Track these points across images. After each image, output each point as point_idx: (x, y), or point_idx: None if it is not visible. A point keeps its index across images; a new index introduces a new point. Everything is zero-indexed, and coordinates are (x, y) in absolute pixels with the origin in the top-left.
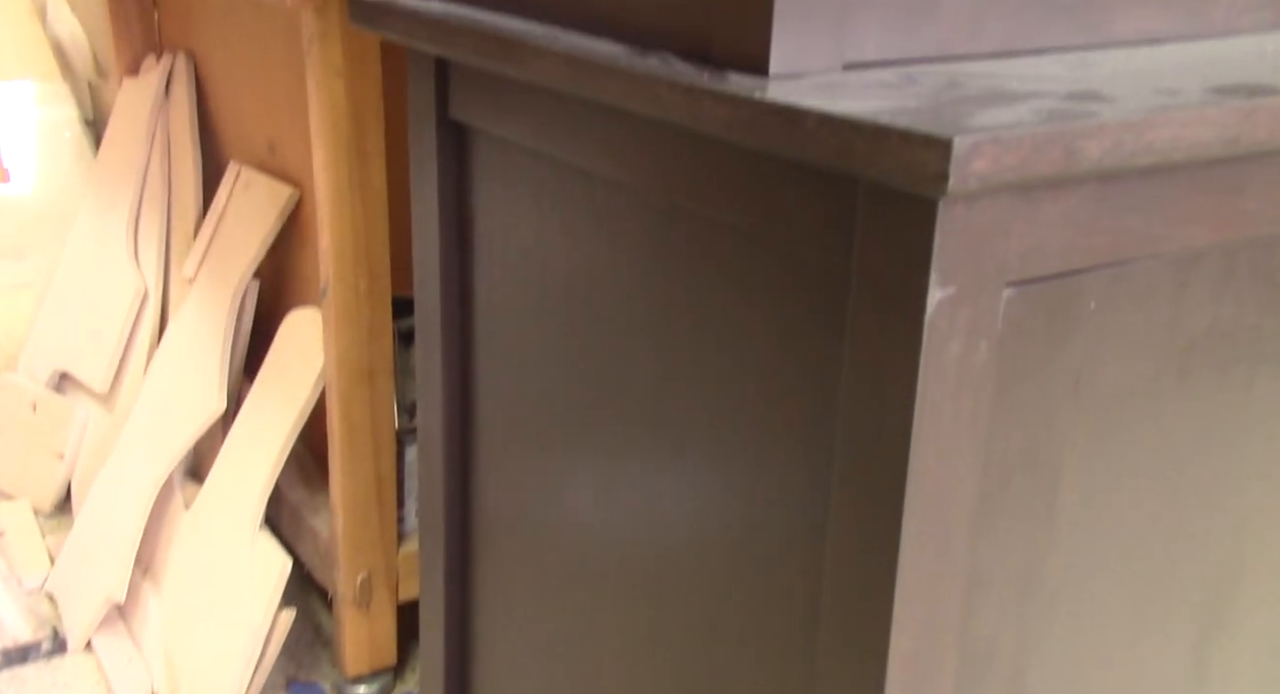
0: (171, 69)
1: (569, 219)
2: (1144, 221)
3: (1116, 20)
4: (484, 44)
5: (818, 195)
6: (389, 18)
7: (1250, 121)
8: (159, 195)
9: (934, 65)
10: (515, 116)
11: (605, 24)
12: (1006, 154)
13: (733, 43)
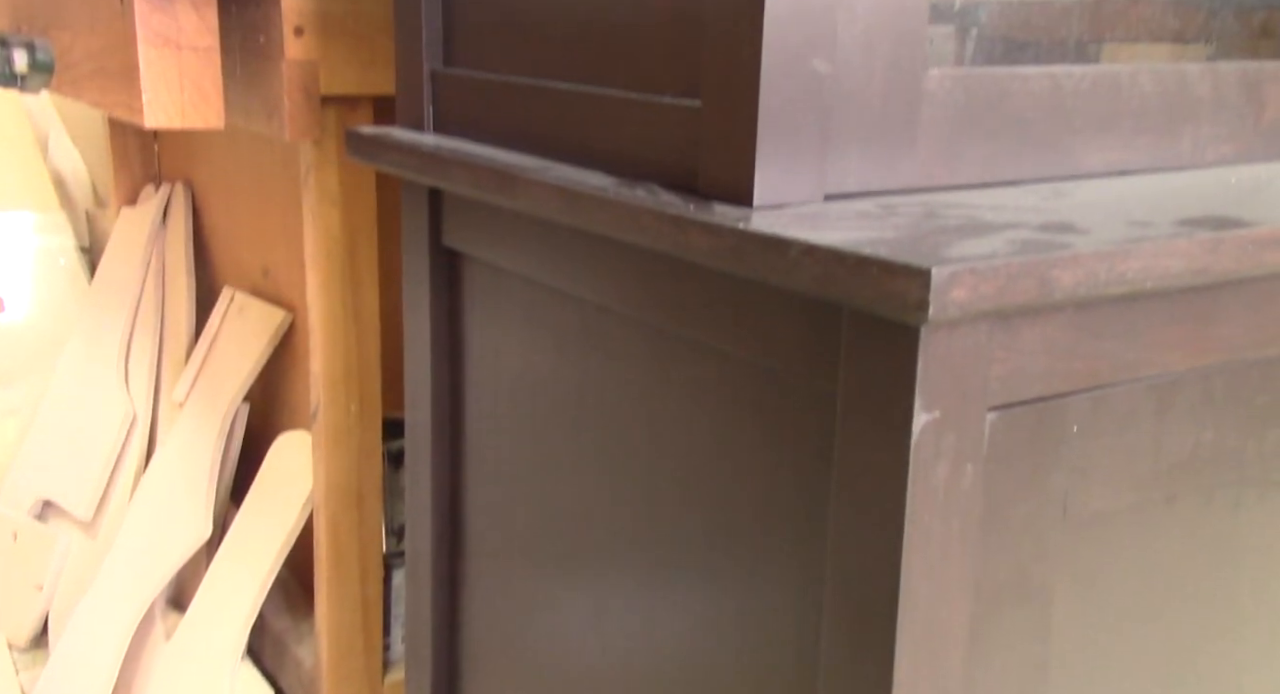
0: (169, 198)
1: (560, 343)
2: (1122, 347)
3: (1087, 153)
4: (477, 176)
5: (803, 322)
6: (385, 151)
7: (1217, 253)
8: (152, 321)
9: (913, 196)
10: (507, 244)
11: (594, 156)
12: (983, 283)
13: (718, 174)
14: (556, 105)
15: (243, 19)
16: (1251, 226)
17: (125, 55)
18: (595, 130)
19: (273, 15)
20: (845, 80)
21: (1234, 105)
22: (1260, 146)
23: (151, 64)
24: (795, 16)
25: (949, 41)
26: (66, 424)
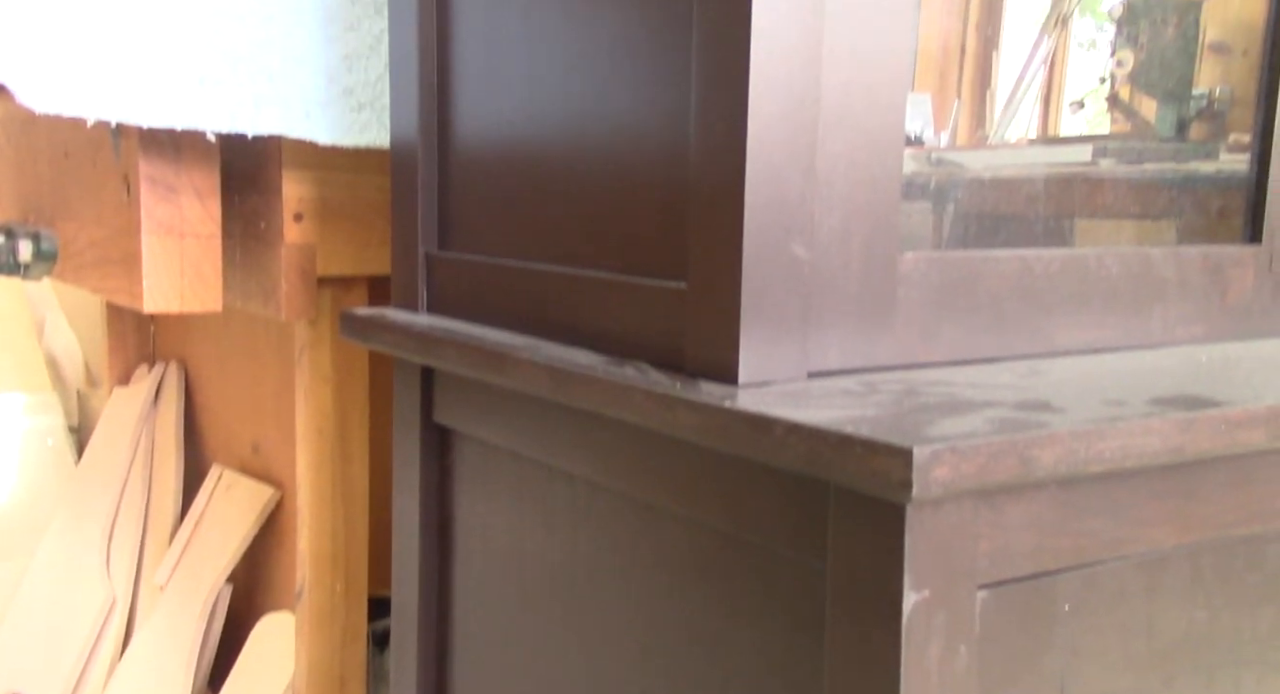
0: (163, 377)
1: (549, 518)
2: (1107, 524)
3: (1060, 331)
4: (469, 355)
5: (790, 498)
6: (378, 331)
7: (1192, 432)
8: (137, 503)
9: (893, 373)
10: (497, 420)
11: (584, 335)
12: (965, 462)
13: (704, 353)
14: (547, 287)
15: (244, 206)
16: (1224, 406)
17: (128, 243)
18: (584, 310)
19: (274, 202)
20: (824, 264)
21: (1199, 286)
22: (1228, 326)
23: (154, 252)
24: (774, 204)
25: (927, 216)
26: (43, 611)
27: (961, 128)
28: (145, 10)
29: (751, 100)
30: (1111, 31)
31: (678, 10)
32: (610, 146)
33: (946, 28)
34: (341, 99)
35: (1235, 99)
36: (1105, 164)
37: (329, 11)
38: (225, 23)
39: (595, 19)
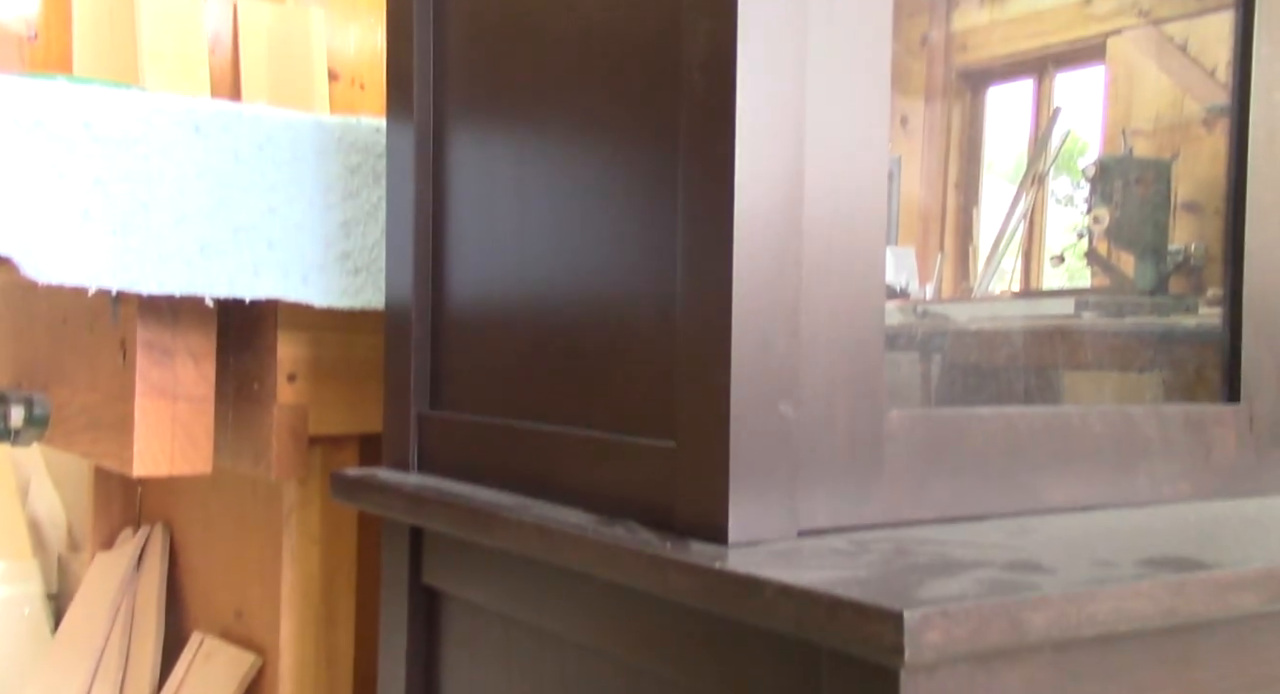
0: (146, 541)
1: (538, 683)
2: (1104, 689)
3: (1047, 489)
4: (458, 515)
5: (783, 660)
6: (368, 492)
7: (1183, 596)
8: (114, 674)
9: (882, 531)
10: (486, 581)
11: (574, 494)
12: (956, 626)
13: (694, 512)
14: (538, 445)
15: (239, 367)
16: (1214, 568)
17: (121, 407)
18: (575, 469)
19: (268, 363)
20: (811, 422)
21: (1183, 445)
22: (1214, 485)
23: (146, 415)
24: (760, 363)
25: (915, 367)
26: None
27: (946, 280)
28: (150, 184)
29: (735, 262)
30: (1087, 189)
31: (663, 177)
32: (599, 307)
33: (928, 185)
34: (338, 263)
35: (1210, 255)
36: (1088, 317)
37: (329, 181)
38: (229, 193)
39: (584, 187)
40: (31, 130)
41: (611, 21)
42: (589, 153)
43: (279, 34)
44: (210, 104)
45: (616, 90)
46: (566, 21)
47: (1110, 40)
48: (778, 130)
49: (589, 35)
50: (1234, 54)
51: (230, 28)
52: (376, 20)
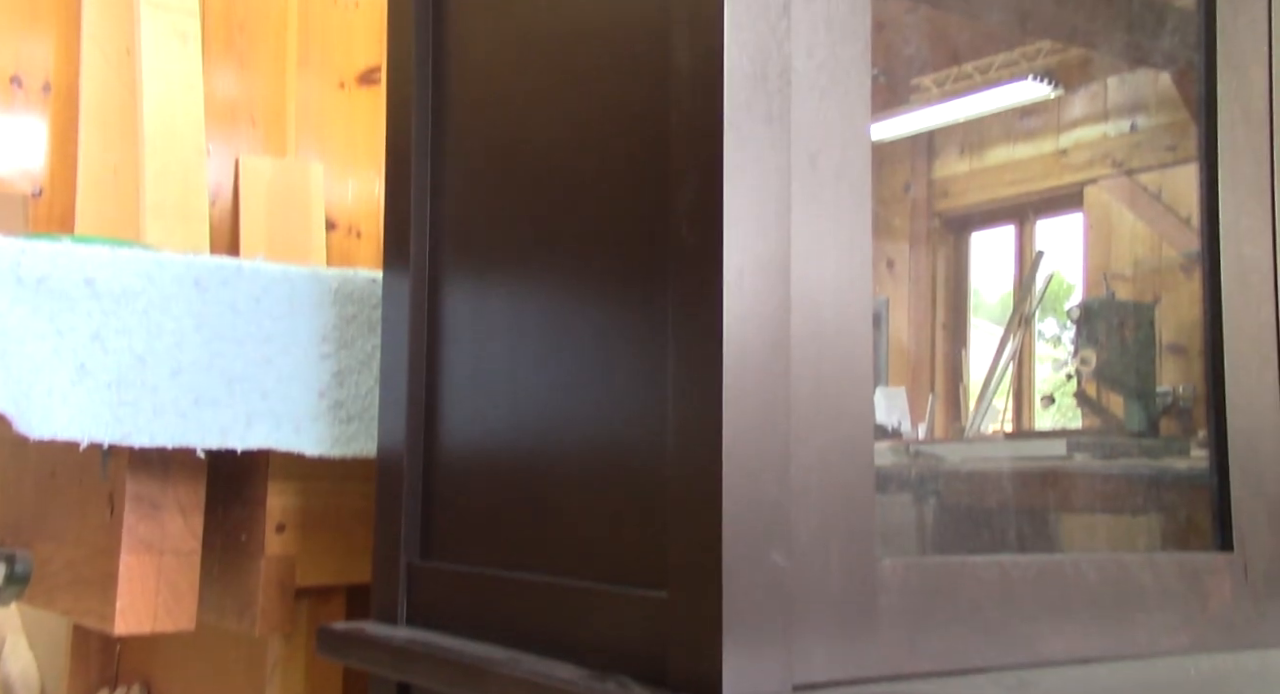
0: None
1: None
2: None
3: (1045, 640)
4: (445, 669)
5: None
6: (355, 648)
7: None
8: None
9: (878, 685)
10: None
11: (565, 646)
12: None
13: (687, 666)
14: (529, 596)
15: (227, 518)
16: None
17: (106, 563)
18: (567, 621)
19: (257, 514)
20: (803, 571)
21: (1179, 594)
22: (1213, 636)
23: (131, 570)
24: (751, 511)
25: (909, 509)
26: None
27: (938, 420)
28: (149, 338)
29: (725, 410)
30: (1073, 330)
31: (654, 324)
32: (591, 457)
33: (917, 326)
34: (331, 412)
35: (1198, 397)
36: (1080, 458)
37: (325, 331)
38: (226, 345)
39: (576, 336)
40: (35, 289)
41: (602, 173)
42: (581, 300)
43: (279, 186)
44: (211, 260)
45: (607, 239)
46: (559, 173)
47: (1087, 189)
48: (764, 278)
49: (581, 187)
50: (1201, 209)
51: (231, 180)
52: (375, 171)
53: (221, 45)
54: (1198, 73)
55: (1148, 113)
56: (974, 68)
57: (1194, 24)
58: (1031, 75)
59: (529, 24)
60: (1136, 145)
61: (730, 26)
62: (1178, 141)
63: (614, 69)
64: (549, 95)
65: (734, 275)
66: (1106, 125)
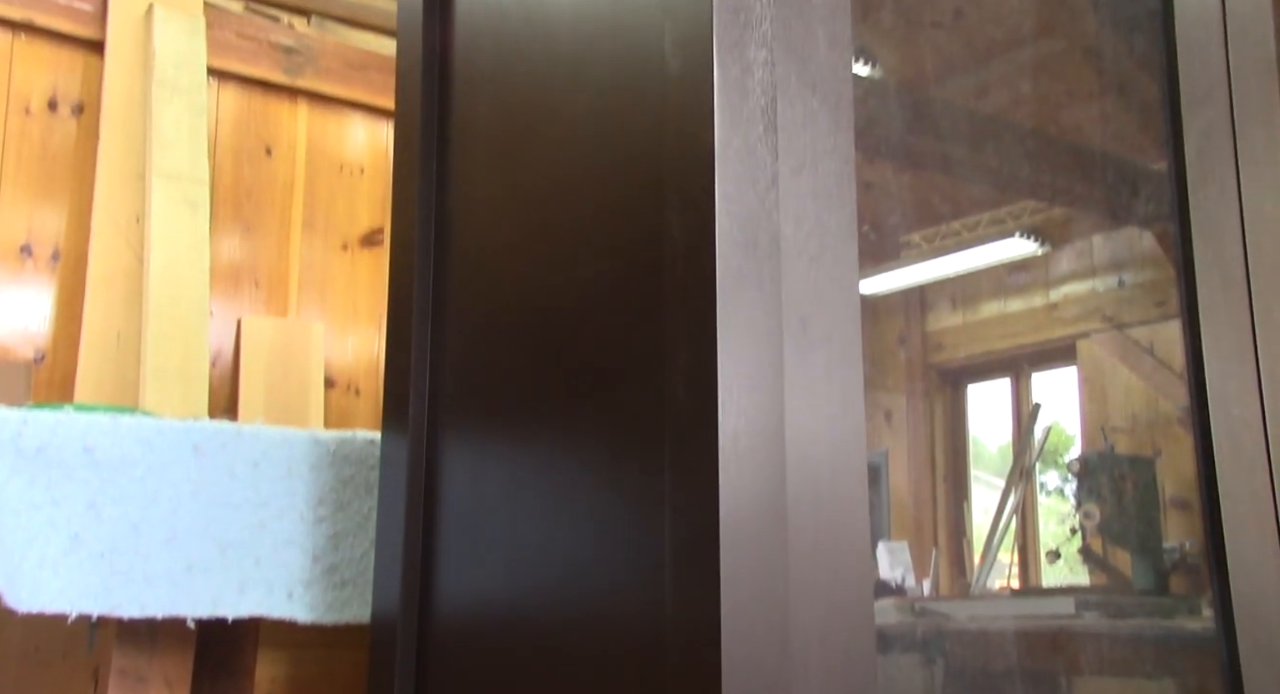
0: None
1: None
2: None
3: None
4: None
5: None
6: None
7: None
8: None
9: None
10: None
11: None
12: None
13: None
14: None
15: (214, 690)
16: None
17: None
18: None
19: (245, 685)
20: None
21: None
22: None
23: None
24: (751, 679)
25: (916, 670)
26: None
27: (942, 575)
28: (145, 505)
29: (723, 576)
30: (1075, 483)
31: (651, 487)
32: (588, 623)
33: (917, 479)
34: (325, 577)
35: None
36: (1089, 617)
37: (321, 494)
38: (222, 511)
39: (573, 499)
40: (34, 458)
41: (599, 336)
42: (578, 462)
43: (280, 346)
44: (210, 425)
45: (604, 399)
46: (557, 334)
47: (1079, 342)
48: (759, 441)
49: (578, 348)
50: (1187, 372)
51: (233, 341)
52: (375, 329)
53: (229, 212)
54: (1174, 240)
55: (1134, 269)
56: (961, 225)
57: (1169, 188)
58: (1018, 233)
59: (527, 188)
60: (1125, 301)
61: (721, 197)
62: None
63: (610, 234)
64: (546, 260)
65: (729, 439)
66: (1095, 281)
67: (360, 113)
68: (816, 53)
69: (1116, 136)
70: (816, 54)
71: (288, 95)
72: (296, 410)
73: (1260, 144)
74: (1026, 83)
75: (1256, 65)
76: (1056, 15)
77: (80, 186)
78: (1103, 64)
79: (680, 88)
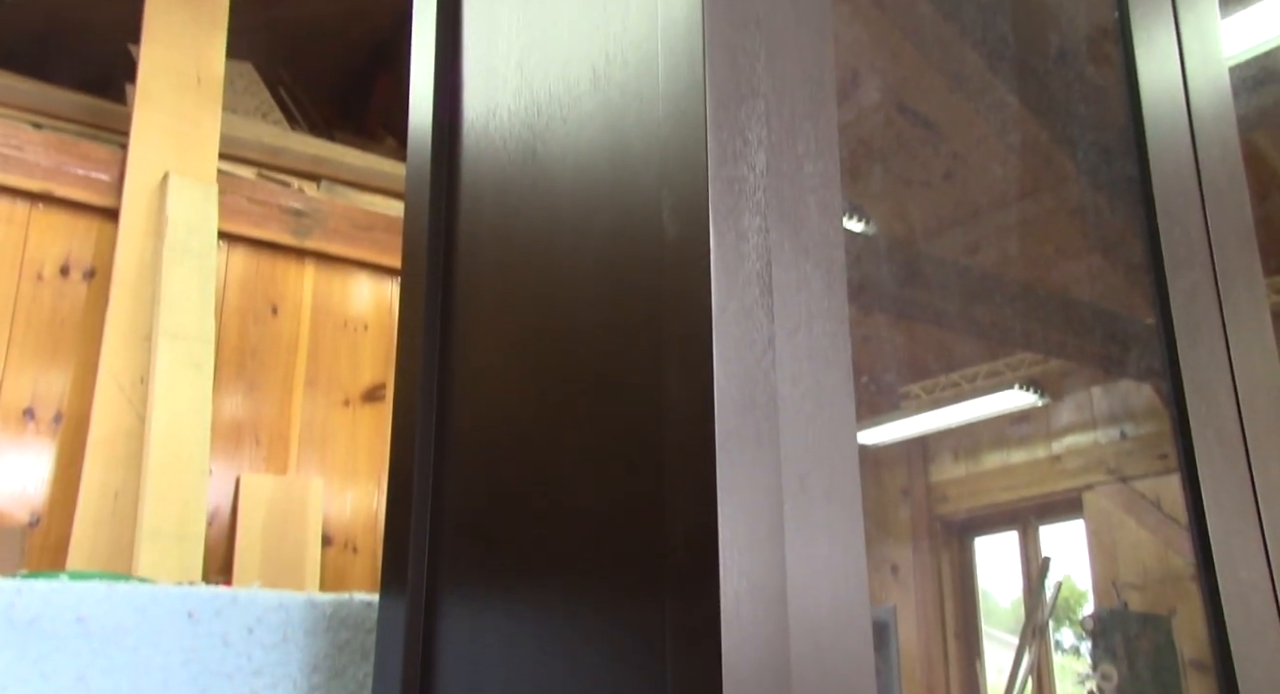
0: None
1: None
2: None
3: None
4: None
5: None
6: None
7: None
8: None
9: None
10: None
11: None
12: None
13: None
14: None
15: None
16: None
17: None
18: None
19: None
20: None
21: None
22: None
23: None
24: None
25: None
26: None
27: None
28: (135, 676)
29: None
30: (1090, 641)
31: (652, 650)
32: None
33: (927, 635)
34: None
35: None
36: None
37: (316, 661)
38: (213, 680)
39: (572, 663)
40: (25, 630)
41: (599, 495)
42: (578, 624)
43: (278, 503)
44: (205, 591)
45: (604, 560)
46: (557, 494)
47: (1085, 495)
48: (761, 603)
49: (577, 508)
50: (1191, 534)
51: (230, 499)
52: (374, 485)
53: (233, 370)
54: (1167, 398)
55: (1135, 421)
56: (960, 376)
57: (1160, 347)
58: (1017, 384)
59: (528, 348)
60: (1129, 453)
61: (719, 358)
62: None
63: (609, 396)
64: (546, 420)
65: (730, 603)
66: (1097, 433)
67: (365, 271)
68: (809, 219)
69: (1107, 293)
70: (809, 220)
71: (295, 255)
72: (293, 568)
73: (1245, 306)
74: (1017, 240)
75: (1235, 230)
76: (1042, 177)
77: (87, 349)
78: (1089, 224)
79: (678, 253)
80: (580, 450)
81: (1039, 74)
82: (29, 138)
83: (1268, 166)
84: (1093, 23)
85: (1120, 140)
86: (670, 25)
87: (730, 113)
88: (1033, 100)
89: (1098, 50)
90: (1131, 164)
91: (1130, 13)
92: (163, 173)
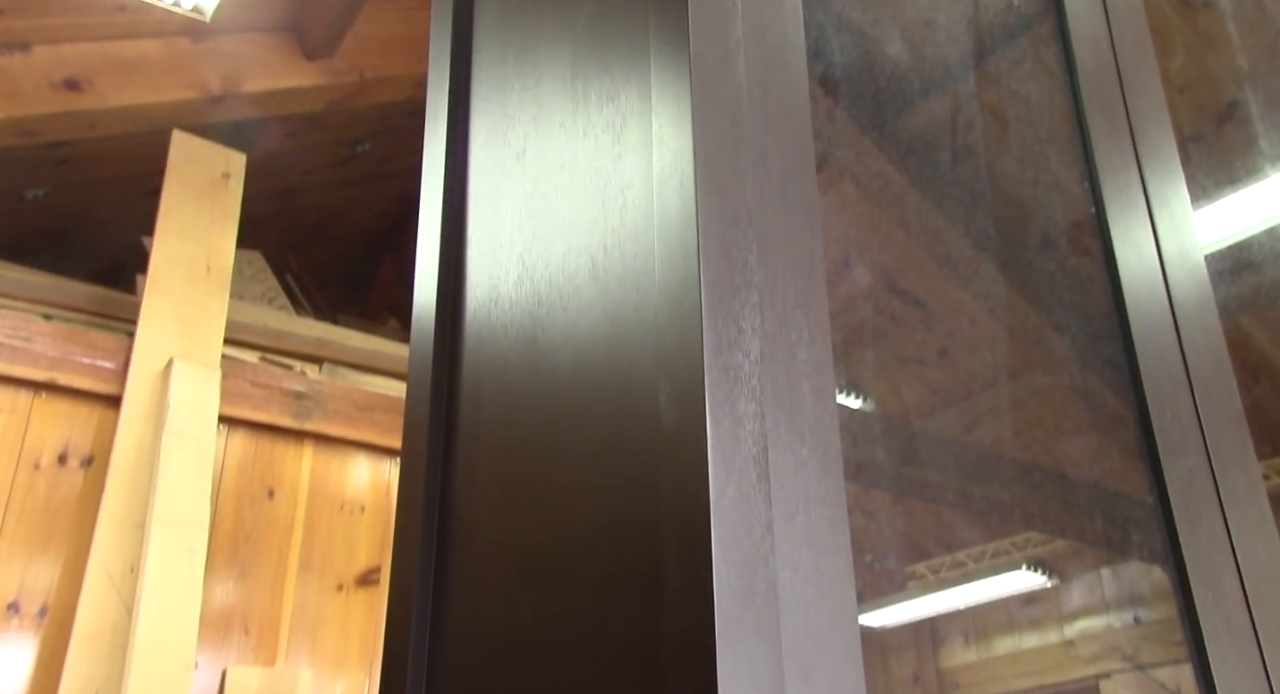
0: None
1: None
2: None
3: None
4: None
5: None
6: None
7: None
8: None
9: None
10: None
11: None
12: None
13: None
14: None
15: None
16: None
17: None
18: None
19: None
20: None
21: None
22: None
23: None
24: None
25: None
26: None
27: None
28: None
29: None
30: None
31: None
32: None
33: None
34: None
35: None
36: None
37: None
38: None
39: None
40: None
41: (595, 685)
42: None
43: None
44: None
45: None
46: (550, 685)
47: (1102, 682)
48: None
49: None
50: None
51: (216, 691)
52: (365, 673)
53: (225, 556)
54: (1173, 586)
55: (1148, 605)
56: (966, 556)
57: (1160, 533)
58: (1025, 565)
59: (525, 534)
60: (1144, 638)
61: (718, 545)
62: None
63: (607, 583)
64: (544, 609)
65: None
66: (1109, 616)
67: (364, 452)
68: (803, 404)
69: (1108, 473)
70: (803, 406)
71: (294, 437)
72: None
73: (1242, 491)
74: (1014, 417)
75: (1226, 416)
76: (1035, 356)
77: (78, 538)
78: (1085, 404)
79: (675, 439)
80: (575, 642)
81: (1023, 263)
82: (37, 328)
83: (1256, 351)
84: (1070, 218)
85: (1107, 327)
86: (665, 220)
87: (724, 303)
88: (1020, 286)
89: (1078, 243)
90: (1119, 351)
91: (1106, 208)
92: (168, 359)
